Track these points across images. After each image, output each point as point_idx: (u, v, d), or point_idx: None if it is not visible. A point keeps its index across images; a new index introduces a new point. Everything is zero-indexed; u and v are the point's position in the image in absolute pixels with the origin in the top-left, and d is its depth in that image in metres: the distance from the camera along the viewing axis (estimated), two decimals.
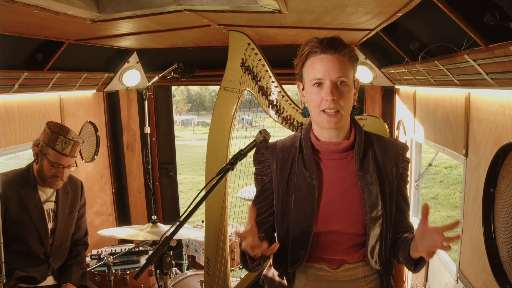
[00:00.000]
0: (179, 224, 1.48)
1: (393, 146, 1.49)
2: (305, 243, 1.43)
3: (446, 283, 2.13)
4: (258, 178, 1.54)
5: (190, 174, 12.86)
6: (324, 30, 2.30)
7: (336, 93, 1.34)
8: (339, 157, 1.46)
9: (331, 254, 1.46)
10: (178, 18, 1.99)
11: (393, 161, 1.46)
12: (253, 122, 3.44)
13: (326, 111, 1.35)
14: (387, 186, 1.44)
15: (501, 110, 1.62)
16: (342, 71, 1.35)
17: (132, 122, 3.75)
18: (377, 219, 1.41)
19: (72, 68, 2.91)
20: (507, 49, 1.25)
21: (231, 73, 2.42)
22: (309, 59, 1.40)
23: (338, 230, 1.44)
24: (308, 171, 1.44)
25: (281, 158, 1.49)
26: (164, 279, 1.53)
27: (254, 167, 1.56)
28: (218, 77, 2.54)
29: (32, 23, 1.87)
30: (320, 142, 1.46)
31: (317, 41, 1.38)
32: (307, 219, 1.42)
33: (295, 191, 1.44)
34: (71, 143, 2.21)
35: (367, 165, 1.43)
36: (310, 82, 1.39)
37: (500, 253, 1.57)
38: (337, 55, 1.36)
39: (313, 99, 1.38)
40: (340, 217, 1.43)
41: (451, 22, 1.49)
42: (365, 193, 1.41)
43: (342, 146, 1.44)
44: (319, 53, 1.37)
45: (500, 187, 1.58)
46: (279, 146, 1.52)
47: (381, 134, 1.55)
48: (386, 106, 3.44)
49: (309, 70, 1.39)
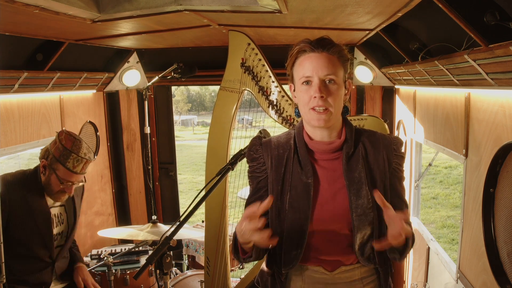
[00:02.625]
0: (179, 224, 1.48)
1: (385, 141, 1.47)
2: (300, 242, 1.42)
3: (446, 283, 2.14)
4: (253, 176, 1.52)
5: (190, 174, 12.86)
6: (324, 30, 2.30)
7: (325, 90, 1.34)
8: (331, 157, 1.45)
9: (326, 254, 1.45)
10: (178, 18, 1.99)
11: (385, 156, 1.44)
12: (253, 122, 3.44)
13: (315, 109, 1.35)
14: (379, 183, 1.42)
15: (501, 110, 1.62)
16: (330, 69, 1.35)
17: (132, 122, 3.75)
18: (367, 218, 1.39)
19: (72, 68, 2.91)
20: (507, 49, 1.26)
21: (231, 73, 2.42)
22: (298, 59, 1.41)
23: (333, 230, 1.42)
24: (303, 169, 1.43)
25: (276, 155, 1.47)
26: (164, 279, 1.53)
27: (248, 164, 1.54)
28: (218, 77, 2.54)
29: (32, 23, 1.87)
30: (313, 141, 1.45)
31: (306, 41, 1.39)
32: (302, 217, 1.40)
33: (291, 189, 1.43)
34: (83, 161, 2.13)
35: (355, 165, 1.42)
36: (299, 80, 1.39)
37: (500, 253, 1.57)
38: (325, 53, 1.37)
39: (303, 98, 1.38)
40: (333, 217, 1.42)
41: (451, 22, 1.49)
42: (351, 192, 1.40)
43: (333, 146, 1.43)
44: (308, 52, 1.38)
45: (500, 187, 1.58)
46: (273, 143, 1.50)
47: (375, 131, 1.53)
48: (386, 106, 3.44)
49: (298, 69, 1.40)
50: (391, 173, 1.45)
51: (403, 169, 1.50)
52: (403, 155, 1.50)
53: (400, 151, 1.48)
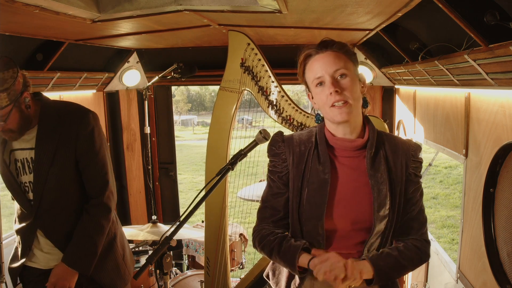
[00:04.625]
0: (179, 224, 1.48)
1: (404, 146, 1.49)
2: (318, 238, 1.44)
3: (446, 283, 2.13)
4: (274, 171, 1.52)
5: (190, 174, 12.85)
6: (324, 30, 2.30)
7: (338, 85, 1.36)
8: (352, 155, 1.46)
9: (339, 249, 1.46)
10: (178, 18, 1.99)
11: (403, 161, 1.46)
12: (253, 122, 3.45)
13: (334, 105, 1.37)
14: (397, 186, 1.44)
15: (501, 110, 1.62)
16: (338, 64, 1.38)
17: (132, 122, 3.75)
18: (383, 218, 1.42)
19: (72, 68, 2.91)
20: (507, 49, 1.26)
21: (231, 73, 2.42)
22: (307, 64, 1.44)
23: (347, 227, 1.44)
24: (321, 166, 1.45)
25: (298, 151, 1.49)
26: (164, 279, 1.53)
27: (269, 159, 1.55)
28: (218, 77, 2.54)
29: (32, 23, 1.86)
30: (335, 138, 1.46)
31: (310, 47, 1.43)
32: (318, 213, 1.42)
33: (308, 185, 1.45)
34: None
35: (378, 164, 1.44)
36: (312, 84, 1.42)
37: (500, 253, 1.57)
38: (330, 51, 1.40)
39: (320, 99, 1.41)
40: (350, 214, 1.44)
41: (451, 22, 1.49)
42: (375, 191, 1.42)
43: (356, 144, 1.45)
44: (314, 54, 1.42)
45: (500, 187, 1.58)
46: (295, 140, 1.52)
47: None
48: (386, 106, 3.44)
49: (309, 74, 1.43)
50: (407, 178, 1.47)
51: (420, 175, 1.51)
52: (421, 160, 1.51)
53: (418, 157, 1.50)
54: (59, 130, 1.85)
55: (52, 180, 1.84)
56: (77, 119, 1.88)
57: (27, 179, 1.87)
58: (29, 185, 1.87)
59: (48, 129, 1.85)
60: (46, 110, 1.88)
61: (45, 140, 1.84)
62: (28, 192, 1.87)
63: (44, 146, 1.84)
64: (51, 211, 1.87)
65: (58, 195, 1.87)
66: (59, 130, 1.85)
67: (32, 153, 1.85)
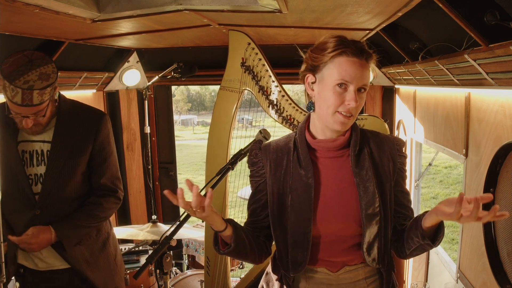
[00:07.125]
0: (179, 224, 1.48)
1: (388, 142, 1.47)
2: (305, 245, 1.41)
3: (446, 283, 2.14)
4: (253, 180, 1.52)
5: (190, 174, 12.86)
6: (324, 30, 2.31)
7: (358, 99, 1.33)
8: (335, 155, 1.44)
9: (331, 256, 1.44)
10: (178, 18, 1.99)
11: (389, 157, 1.45)
12: (253, 122, 3.44)
13: (342, 113, 1.33)
14: (385, 183, 1.42)
15: (501, 110, 1.62)
16: (367, 79, 1.35)
17: (132, 121, 3.75)
18: (374, 216, 1.38)
19: (72, 67, 2.91)
20: (507, 48, 1.26)
21: (231, 73, 2.42)
22: (338, 57, 1.33)
23: (337, 231, 1.42)
24: (303, 170, 1.42)
25: (274, 158, 1.47)
26: (164, 278, 1.53)
27: (248, 169, 1.54)
28: (218, 77, 2.54)
29: (32, 23, 1.86)
30: (316, 140, 1.43)
31: (349, 42, 1.35)
32: (304, 219, 1.39)
33: (291, 191, 1.41)
34: (19, 91, 1.67)
35: (363, 162, 1.42)
36: (332, 81, 1.33)
37: (500, 253, 1.58)
38: (364, 62, 1.35)
39: (333, 99, 1.33)
40: (339, 216, 1.41)
41: (451, 22, 1.49)
42: (360, 190, 1.39)
43: (338, 143, 1.42)
44: (351, 55, 1.33)
45: (500, 187, 1.58)
46: (272, 147, 1.50)
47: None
48: (386, 106, 3.44)
49: (335, 70, 1.33)
50: (397, 173, 1.46)
51: (406, 169, 1.51)
52: (406, 155, 1.51)
53: (403, 152, 1.50)
54: (77, 127, 1.91)
55: (64, 174, 1.87)
56: (97, 117, 1.97)
57: (34, 171, 1.87)
58: (34, 178, 1.87)
59: (66, 124, 1.89)
60: (64, 106, 1.93)
61: (64, 134, 1.88)
62: (32, 184, 1.86)
63: (62, 140, 1.87)
64: (56, 205, 1.88)
65: (67, 189, 1.89)
66: (78, 127, 1.91)
67: (44, 145, 1.87)
